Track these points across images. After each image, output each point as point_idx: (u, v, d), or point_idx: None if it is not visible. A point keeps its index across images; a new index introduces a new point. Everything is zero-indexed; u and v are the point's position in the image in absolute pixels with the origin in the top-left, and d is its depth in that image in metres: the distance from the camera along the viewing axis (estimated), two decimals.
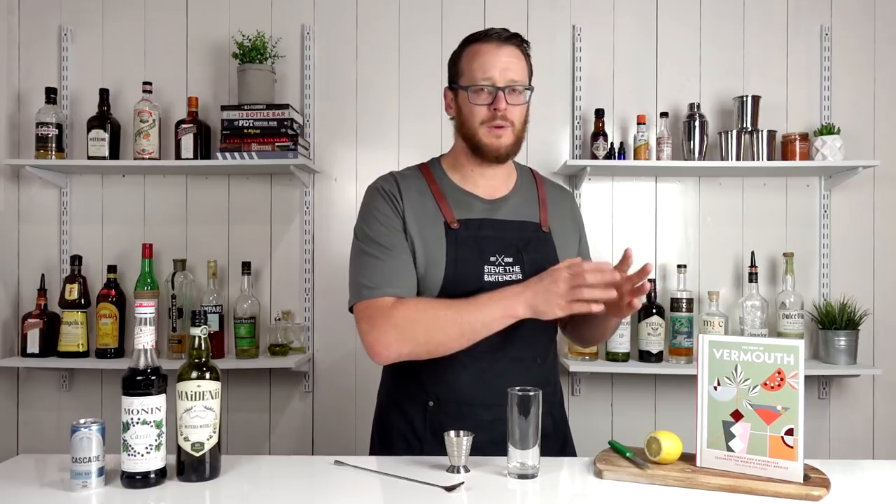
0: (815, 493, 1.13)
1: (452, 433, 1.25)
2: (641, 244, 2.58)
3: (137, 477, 1.16)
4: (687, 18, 2.59)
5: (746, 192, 2.58)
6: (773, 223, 2.57)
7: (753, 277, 2.45)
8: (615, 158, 2.47)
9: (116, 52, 2.61)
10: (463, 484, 1.18)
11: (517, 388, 1.23)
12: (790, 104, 2.58)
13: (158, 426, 1.18)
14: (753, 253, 2.49)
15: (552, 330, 1.52)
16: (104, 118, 2.49)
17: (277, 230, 2.60)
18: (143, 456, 1.16)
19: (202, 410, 1.19)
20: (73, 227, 2.59)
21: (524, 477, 1.22)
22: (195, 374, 1.20)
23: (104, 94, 2.50)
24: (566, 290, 1.27)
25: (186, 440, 1.19)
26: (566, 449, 1.53)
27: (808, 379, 1.45)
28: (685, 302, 2.43)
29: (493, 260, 1.42)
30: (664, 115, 2.49)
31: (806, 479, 1.16)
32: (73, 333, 2.42)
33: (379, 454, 1.49)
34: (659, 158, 2.46)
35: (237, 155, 2.41)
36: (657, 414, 2.57)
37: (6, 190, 2.61)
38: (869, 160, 2.44)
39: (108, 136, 2.47)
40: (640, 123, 2.48)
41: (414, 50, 2.60)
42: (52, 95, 2.48)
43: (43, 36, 2.61)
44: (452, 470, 1.25)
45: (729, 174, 2.56)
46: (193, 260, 2.55)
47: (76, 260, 2.49)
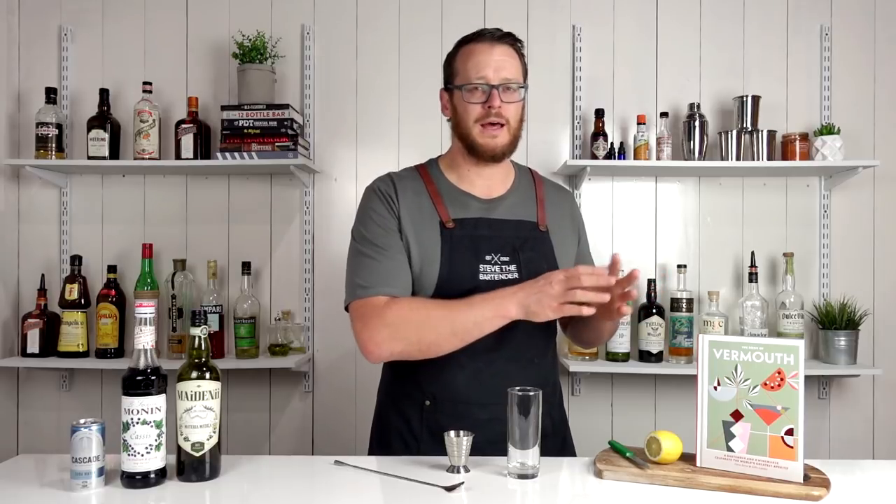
0: (815, 493, 1.13)
1: (452, 433, 1.25)
2: (641, 244, 2.58)
3: (137, 477, 1.16)
4: (687, 18, 2.59)
5: (746, 192, 2.58)
6: (773, 223, 2.57)
7: (753, 277, 2.45)
8: (615, 158, 2.47)
9: (116, 52, 2.61)
10: (463, 484, 1.18)
11: (517, 388, 1.23)
12: (790, 104, 2.58)
13: (158, 426, 1.18)
14: (753, 253, 2.49)
15: (551, 330, 1.52)
16: (104, 118, 2.49)
17: (277, 230, 2.60)
18: (143, 456, 1.16)
19: (202, 410, 1.19)
20: (73, 227, 2.59)
21: (524, 477, 1.22)
22: (195, 374, 1.20)
23: (104, 94, 2.50)
24: (560, 291, 1.26)
25: (186, 440, 1.19)
26: (565, 450, 1.52)
27: (808, 379, 1.45)
28: (685, 302, 2.43)
29: (488, 259, 1.42)
30: (664, 115, 2.49)
31: (806, 479, 1.16)
32: (73, 333, 2.43)
33: (377, 453, 1.49)
34: (659, 158, 2.46)
35: (237, 155, 2.41)
36: (657, 414, 2.57)
37: (6, 190, 2.61)
38: (869, 160, 2.44)
39: (108, 136, 2.47)
40: (640, 123, 2.48)
41: (414, 50, 2.60)
42: (52, 95, 2.48)
43: (43, 36, 2.61)
44: (452, 470, 1.25)
45: (729, 174, 2.56)
46: (193, 260, 2.55)
47: (76, 260, 2.49)
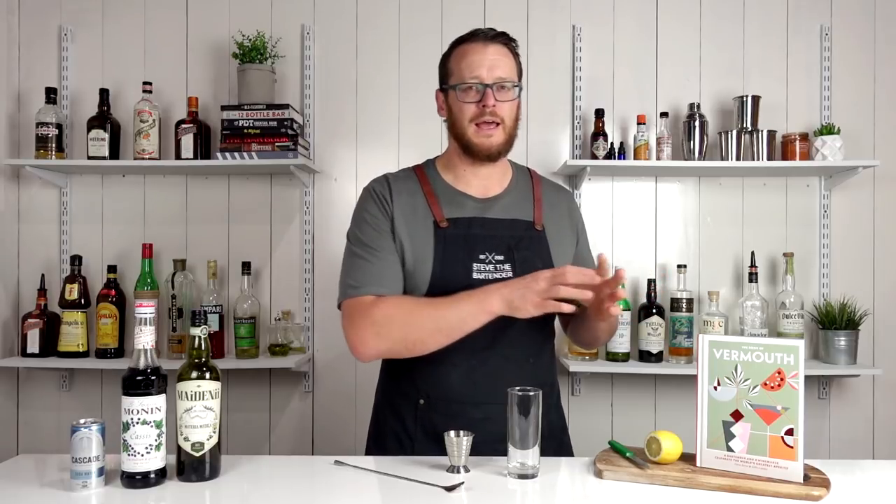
0: (815, 493, 1.13)
1: (452, 433, 1.25)
2: (641, 244, 2.58)
3: (137, 477, 1.16)
4: (687, 18, 2.59)
5: (746, 192, 2.58)
6: (773, 223, 2.57)
7: (753, 277, 2.45)
8: (615, 158, 2.47)
9: (116, 52, 2.61)
10: (463, 484, 1.18)
11: (517, 387, 1.23)
12: (790, 104, 2.58)
13: (158, 426, 1.18)
14: (753, 253, 2.49)
15: (547, 331, 1.52)
16: (104, 118, 2.48)
17: (277, 230, 2.60)
18: (143, 456, 1.16)
19: (202, 410, 1.19)
20: (73, 227, 2.59)
21: (524, 477, 1.22)
22: (195, 374, 1.20)
23: (104, 94, 2.50)
24: (545, 288, 1.26)
25: (186, 440, 1.19)
26: (562, 454, 1.50)
27: (808, 379, 1.45)
28: (685, 302, 2.43)
29: (482, 258, 1.42)
30: (664, 115, 2.49)
31: (806, 479, 1.16)
32: (73, 333, 2.43)
33: (374, 452, 1.49)
34: (659, 158, 2.46)
35: (237, 155, 2.41)
36: (657, 414, 2.57)
37: (6, 190, 2.61)
38: (869, 160, 2.44)
39: (108, 136, 2.47)
40: (640, 123, 2.48)
41: (414, 50, 2.59)
42: (52, 95, 2.48)
43: (43, 36, 2.61)
44: (452, 470, 1.25)
45: (729, 174, 2.56)
46: (193, 260, 2.55)
47: (76, 260, 2.49)
